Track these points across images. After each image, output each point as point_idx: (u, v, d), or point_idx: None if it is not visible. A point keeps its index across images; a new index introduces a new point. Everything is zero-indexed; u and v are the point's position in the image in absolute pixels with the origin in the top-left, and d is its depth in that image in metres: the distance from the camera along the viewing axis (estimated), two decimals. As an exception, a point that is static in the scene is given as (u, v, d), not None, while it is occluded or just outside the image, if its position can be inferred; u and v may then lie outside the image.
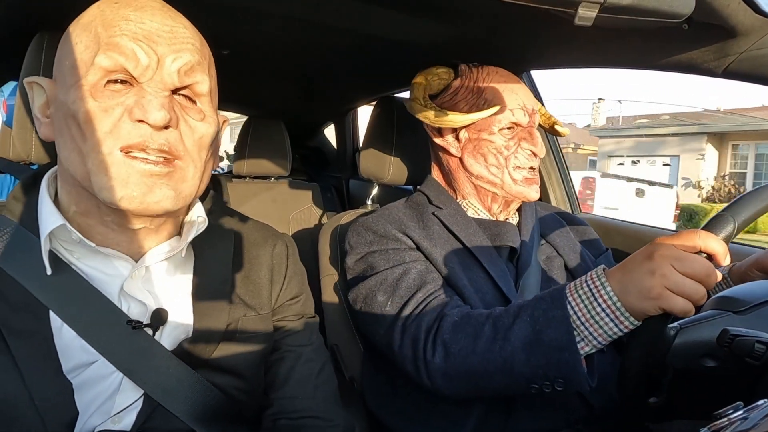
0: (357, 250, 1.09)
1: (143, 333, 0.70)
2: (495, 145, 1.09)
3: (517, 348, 0.80)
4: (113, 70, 0.63)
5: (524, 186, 1.10)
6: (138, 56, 0.63)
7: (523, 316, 0.82)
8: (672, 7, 0.66)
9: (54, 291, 0.66)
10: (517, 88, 1.12)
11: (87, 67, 0.63)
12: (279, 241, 0.90)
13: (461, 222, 1.11)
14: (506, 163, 1.09)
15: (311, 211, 2.38)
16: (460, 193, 1.18)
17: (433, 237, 1.07)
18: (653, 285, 0.70)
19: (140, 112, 0.62)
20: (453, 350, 0.86)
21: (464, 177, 1.16)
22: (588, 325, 0.76)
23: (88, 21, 0.65)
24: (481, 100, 1.11)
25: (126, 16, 0.64)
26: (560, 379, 0.78)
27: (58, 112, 0.66)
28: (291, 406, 0.83)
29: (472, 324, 0.87)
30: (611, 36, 1.06)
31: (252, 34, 1.48)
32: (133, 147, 0.62)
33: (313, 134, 3.12)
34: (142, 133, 0.62)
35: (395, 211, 1.15)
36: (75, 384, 0.66)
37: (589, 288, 0.77)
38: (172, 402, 0.70)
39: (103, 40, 0.63)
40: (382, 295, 1.00)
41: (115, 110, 0.62)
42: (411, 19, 1.23)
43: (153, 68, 0.64)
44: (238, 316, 0.78)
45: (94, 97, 0.62)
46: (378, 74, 1.87)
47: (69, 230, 0.66)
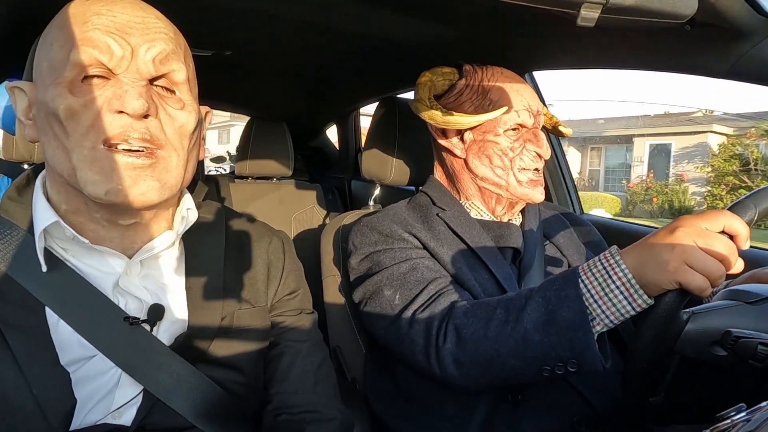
0: (361, 250, 1.09)
1: (141, 329, 0.70)
2: (500, 147, 1.09)
3: (529, 329, 0.79)
4: (89, 64, 0.63)
5: (529, 188, 1.10)
6: (112, 48, 0.63)
7: (536, 297, 0.81)
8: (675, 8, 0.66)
9: (49, 288, 0.67)
10: (522, 89, 1.11)
11: (64, 65, 0.63)
12: (274, 237, 0.90)
13: (465, 224, 1.10)
14: (511, 165, 1.09)
15: (313, 211, 2.38)
16: (464, 194, 1.18)
17: (439, 238, 1.07)
18: (672, 258, 0.70)
19: (118, 102, 0.62)
20: (464, 335, 0.86)
21: (468, 178, 1.15)
22: (601, 303, 0.76)
23: (61, 20, 0.66)
24: (486, 101, 1.11)
25: (97, 11, 0.65)
26: (573, 360, 0.77)
27: (39, 112, 0.66)
28: (291, 400, 0.84)
29: (483, 308, 0.87)
30: (614, 37, 1.05)
31: (255, 35, 1.48)
32: (115, 137, 0.63)
33: (316, 135, 3.12)
34: (122, 124, 0.63)
35: (400, 211, 1.14)
36: (74, 379, 0.66)
37: (603, 266, 0.77)
38: (171, 397, 0.70)
39: (77, 36, 0.63)
40: (389, 289, 0.99)
41: (94, 104, 0.63)
42: (414, 20, 1.23)
43: (128, 59, 0.64)
44: (232, 309, 0.79)
45: (72, 93, 0.63)
46: (381, 75, 1.88)
47: (63, 227, 0.67)
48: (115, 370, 0.69)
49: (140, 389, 0.70)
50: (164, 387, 0.70)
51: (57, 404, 0.65)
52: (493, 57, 1.29)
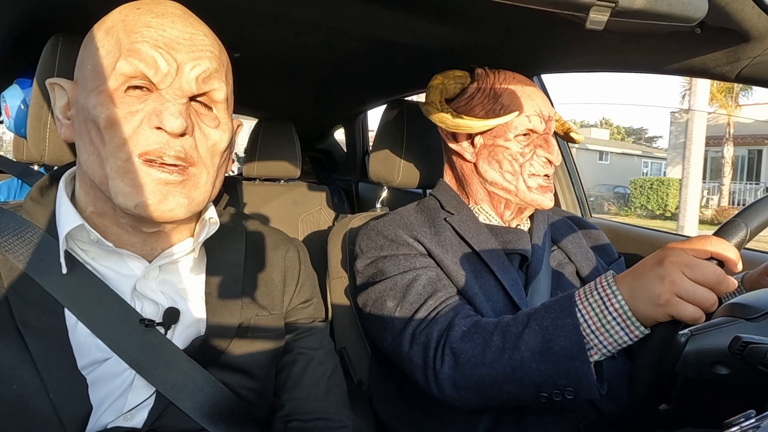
0: (367, 254, 1.09)
1: (155, 331, 0.71)
2: (510, 152, 1.08)
3: (526, 357, 0.79)
4: (133, 76, 0.64)
5: (539, 194, 1.09)
6: (158, 63, 0.64)
7: (532, 325, 0.81)
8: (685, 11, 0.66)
9: (69, 289, 0.67)
10: (533, 93, 1.11)
11: (108, 72, 0.64)
12: (291, 246, 0.91)
13: (473, 228, 1.10)
14: (521, 170, 1.08)
15: (321, 213, 2.39)
16: (473, 199, 1.17)
17: (445, 243, 1.06)
18: (662, 291, 0.69)
19: (158, 119, 0.63)
20: (462, 359, 0.85)
21: (478, 182, 1.15)
22: (598, 334, 0.75)
23: (110, 25, 0.67)
24: (497, 106, 1.10)
25: (147, 22, 0.66)
26: (570, 388, 0.77)
27: (78, 115, 0.67)
28: (303, 407, 0.84)
29: (480, 333, 0.86)
30: (623, 40, 1.05)
31: (263, 37, 1.48)
32: (151, 153, 0.64)
33: (323, 137, 3.13)
34: (159, 140, 0.64)
35: (406, 215, 1.14)
36: (89, 380, 0.67)
37: (599, 296, 0.76)
38: (182, 400, 0.70)
39: (125, 46, 0.64)
40: (392, 300, 0.99)
41: (135, 117, 0.64)
42: (422, 23, 1.23)
43: (172, 75, 0.65)
44: (250, 315, 0.79)
45: (114, 102, 0.64)
46: (389, 78, 1.88)
47: (87, 230, 0.68)
48: (129, 372, 0.69)
49: (152, 391, 0.71)
50: (174, 388, 0.70)
51: (73, 409, 0.65)
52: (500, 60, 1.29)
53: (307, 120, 2.70)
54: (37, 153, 0.95)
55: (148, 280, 0.73)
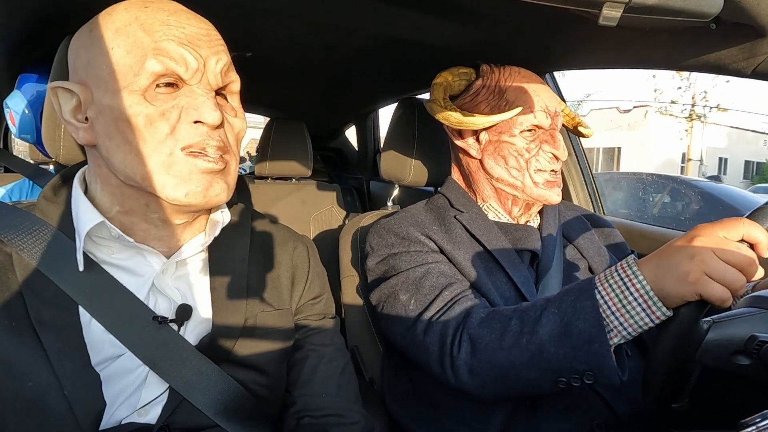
0: (378, 252, 1.09)
1: (168, 328, 0.71)
2: (516, 147, 1.08)
3: (544, 341, 0.78)
4: (164, 74, 0.66)
5: (545, 189, 1.09)
6: (187, 60, 0.67)
7: (551, 308, 0.80)
8: (699, 7, 0.65)
9: (83, 287, 0.68)
10: (539, 89, 1.10)
11: (135, 72, 0.65)
12: (299, 243, 0.92)
13: (483, 226, 1.09)
14: (527, 166, 1.08)
15: (332, 212, 2.39)
16: (480, 196, 1.17)
17: (456, 241, 1.06)
18: (692, 269, 0.68)
19: (196, 113, 0.67)
20: (479, 345, 0.85)
21: (484, 179, 1.15)
22: (618, 315, 0.74)
23: (122, 25, 0.67)
24: (502, 102, 1.10)
25: (165, 21, 0.67)
26: (590, 372, 0.76)
27: (103, 117, 0.67)
28: (314, 404, 0.84)
29: (498, 319, 0.86)
30: (636, 36, 1.04)
31: (275, 37, 1.49)
32: (194, 146, 0.67)
33: (335, 136, 3.13)
34: (200, 133, 0.67)
35: (417, 213, 1.14)
36: (102, 376, 0.68)
37: (620, 277, 0.75)
38: (195, 395, 0.71)
39: (149, 45, 0.66)
40: (405, 293, 0.99)
41: (171, 113, 0.66)
42: (434, 21, 1.23)
43: (201, 71, 0.68)
44: (255, 311, 0.80)
45: (149, 101, 0.66)
46: (400, 76, 1.88)
47: (108, 227, 0.69)
48: (142, 368, 0.70)
49: (166, 387, 0.71)
50: (187, 383, 0.71)
51: (87, 405, 0.66)
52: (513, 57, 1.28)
53: (318, 119, 2.71)
54: (52, 152, 0.96)
55: (165, 275, 0.74)
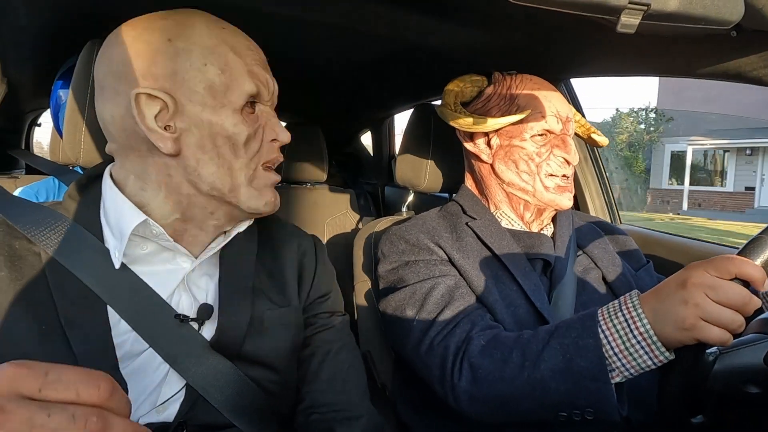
0: (390, 259, 1.09)
1: (188, 326, 0.73)
2: (526, 152, 1.08)
3: (546, 376, 0.78)
4: (254, 95, 0.73)
5: (556, 194, 1.08)
6: (269, 84, 0.76)
7: (553, 344, 0.80)
8: (720, 14, 0.64)
9: (112, 286, 0.69)
10: (550, 95, 1.10)
11: (229, 90, 0.70)
12: (305, 240, 0.93)
13: (495, 233, 1.09)
14: (538, 170, 1.08)
15: (347, 217, 2.39)
16: (493, 202, 1.17)
17: (466, 249, 1.06)
18: (687, 315, 0.67)
19: (274, 133, 0.76)
20: (480, 375, 0.85)
21: (496, 184, 1.15)
22: (621, 357, 0.74)
23: (212, 45, 0.70)
24: (513, 107, 1.10)
25: (248, 45, 0.75)
26: (590, 409, 0.76)
27: (198, 130, 0.70)
28: (321, 400, 0.85)
29: (500, 348, 0.85)
30: (654, 43, 1.03)
31: (292, 43, 1.50)
32: (269, 162, 0.77)
33: (350, 141, 3.14)
34: (274, 150, 0.77)
35: (429, 220, 1.14)
36: (125, 373, 0.68)
37: (624, 318, 0.74)
38: (211, 393, 0.72)
39: (241, 68, 0.72)
40: (411, 309, 0.99)
41: (258, 133, 0.74)
42: (450, 27, 1.23)
43: (274, 92, 0.78)
44: (262, 309, 0.81)
45: (245, 122, 0.72)
46: (416, 82, 1.88)
47: (151, 225, 0.71)
48: (163, 366, 0.71)
49: (183, 384, 0.72)
50: (203, 380, 0.72)
51: None
52: (528, 63, 1.28)
53: (334, 124, 2.72)
54: (72, 155, 0.97)
55: (193, 274, 0.76)
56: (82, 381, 0.38)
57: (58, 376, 0.38)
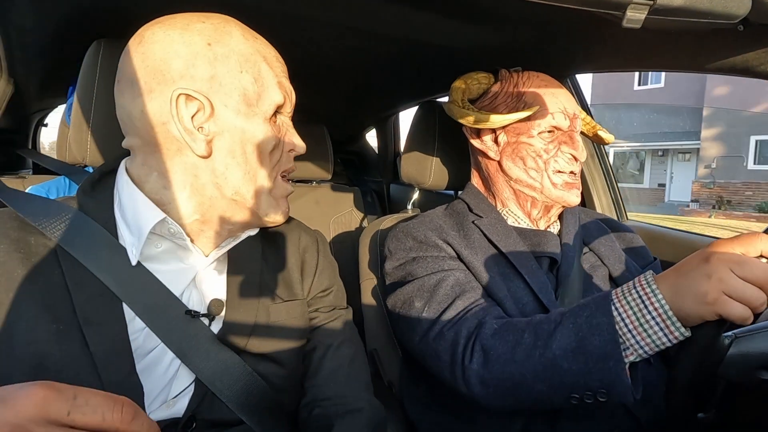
0: (396, 256, 1.09)
1: (199, 321, 0.73)
2: (534, 149, 1.08)
3: (558, 355, 0.77)
4: (280, 106, 0.76)
5: (564, 190, 1.08)
6: (292, 96, 0.79)
7: (566, 323, 0.79)
8: (726, 8, 0.64)
9: (127, 283, 0.70)
10: (558, 92, 1.10)
11: (260, 99, 0.73)
12: (306, 234, 0.94)
13: (501, 231, 1.09)
14: (546, 167, 1.08)
15: (352, 215, 2.40)
16: (499, 199, 1.17)
17: (474, 246, 1.06)
18: (710, 289, 0.66)
19: (291, 143, 0.79)
20: (491, 356, 0.84)
21: (503, 181, 1.15)
22: (635, 333, 0.73)
23: (248, 54, 0.72)
24: (520, 104, 1.10)
25: (276, 56, 0.77)
26: (603, 390, 0.75)
27: (230, 135, 0.71)
28: (323, 394, 0.85)
29: (511, 331, 0.85)
30: (660, 38, 1.03)
31: (297, 41, 1.50)
32: (286, 171, 0.80)
33: (355, 139, 3.14)
34: (291, 159, 0.80)
35: (435, 218, 1.14)
36: (139, 368, 0.69)
37: (638, 294, 0.74)
38: (220, 388, 0.73)
39: (271, 79, 0.74)
40: (420, 300, 0.99)
41: (280, 143, 0.76)
42: (455, 24, 1.23)
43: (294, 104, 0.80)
44: (268, 304, 0.82)
45: (273, 131, 0.75)
46: (421, 79, 1.87)
47: (169, 224, 0.71)
48: (175, 361, 0.72)
49: (192, 379, 0.73)
50: (212, 374, 0.72)
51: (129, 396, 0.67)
52: (534, 60, 1.27)
53: (339, 122, 2.72)
54: (79, 155, 0.98)
55: (206, 271, 0.77)
56: (107, 405, 0.42)
57: (85, 401, 0.40)
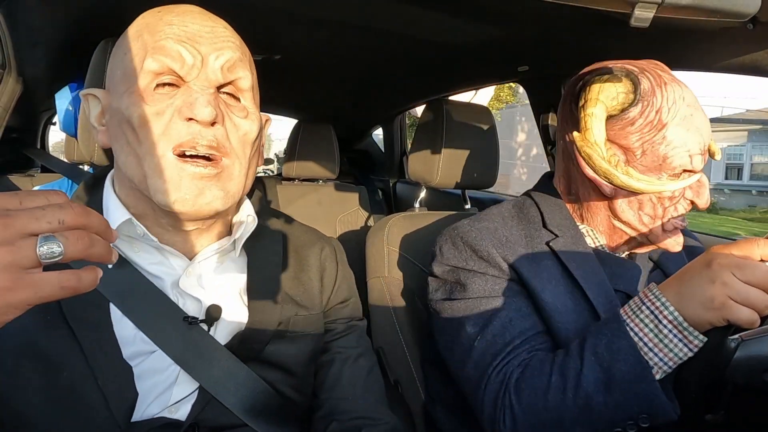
0: (450, 261, 0.98)
1: (198, 328, 0.72)
2: (658, 195, 0.89)
3: (590, 392, 0.74)
4: (161, 72, 0.66)
5: (671, 236, 0.92)
6: (183, 56, 0.66)
7: (587, 356, 0.76)
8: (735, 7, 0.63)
9: (114, 285, 0.69)
10: (702, 123, 0.86)
11: (137, 73, 0.66)
12: (327, 245, 0.92)
13: (580, 258, 0.93)
14: (663, 215, 0.90)
15: (358, 213, 2.40)
16: (585, 220, 0.99)
17: (543, 275, 0.91)
18: (715, 294, 0.66)
19: (188, 110, 0.65)
20: (518, 412, 0.80)
21: (605, 216, 0.96)
22: (657, 350, 0.72)
23: (134, 32, 0.69)
24: (659, 138, 0.86)
25: (169, 21, 0.68)
26: (644, 414, 0.73)
27: (112, 119, 0.69)
28: (341, 407, 0.84)
29: (537, 376, 0.81)
30: (669, 36, 1.02)
31: (304, 40, 1.50)
32: (184, 144, 0.65)
33: (362, 137, 3.14)
34: (191, 131, 0.65)
35: (501, 226, 0.97)
36: (136, 373, 0.69)
37: (650, 310, 0.73)
38: (224, 395, 0.72)
39: (150, 45, 0.67)
40: (472, 327, 0.90)
41: (165, 112, 0.65)
42: (461, 22, 1.23)
43: (198, 66, 0.67)
44: (289, 314, 0.81)
45: (146, 101, 0.65)
46: (428, 78, 1.87)
47: (134, 224, 0.70)
48: (174, 367, 0.71)
49: (196, 386, 0.72)
50: (217, 383, 0.72)
51: (121, 396, 0.67)
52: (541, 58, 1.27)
53: (346, 121, 2.72)
54: (87, 154, 0.99)
55: (189, 277, 0.74)
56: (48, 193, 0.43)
57: (27, 194, 0.42)
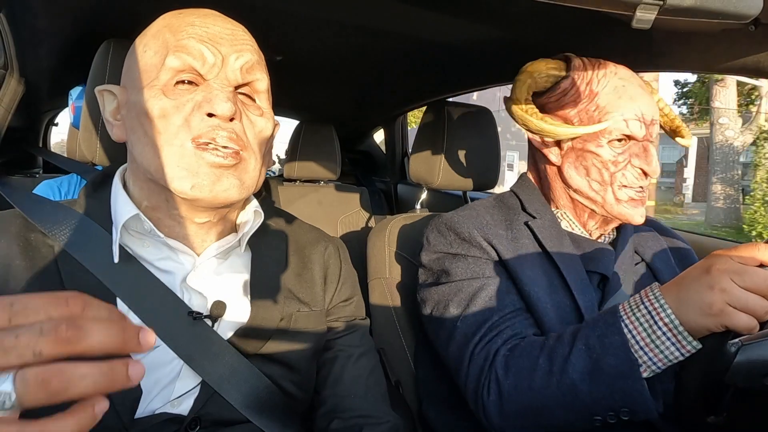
0: (435, 248, 1.04)
1: (203, 323, 0.73)
2: (601, 159, 0.96)
3: (576, 379, 0.76)
4: (182, 69, 0.68)
5: (628, 207, 0.97)
6: (205, 55, 0.69)
7: (578, 345, 0.78)
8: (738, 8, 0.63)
9: (121, 279, 0.70)
10: (637, 93, 0.96)
11: (158, 70, 0.69)
12: (330, 244, 0.93)
13: (555, 236, 1.00)
14: (611, 180, 0.96)
15: (359, 214, 2.40)
16: (555, 203, 1.07)
17: (521, 251, 0.97)
18: (714, 300, 0.66)
19: (208, 105, 0.67)
20: (506, 387, 0.83)
21: (561, 188, 1.05)
22: (648, 350, 0.73)
23: (155, 31, 0.72)
24: (592, 106, 0.97)
25: (191, 22, 0.71)
26: (625, 408, 0.74)
27: (130, 113, 0.71)
28: (343, 404, 0.85)
29: (525, 357, 0.83)
30: (670, 38, 1.02)
31: (305, 41, 1.50)
32: (203, 136, 0.67)
33: (363, 138, 3.14)
34: (211, 125, 0.67)
35: (483, 212, 1.05)
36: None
37: (647, 310, 0.73)
38: (228, 390, 0.73)
39: (172, 44, 0.69)
40: (456, 308, 0.95)
41: (186, 106, 0.68)
42: (463, 23, 1.23)
43: (218, 66, 0.69)
44: (291, 311, 0.82)
45: (166, 95, 0.68)
46: (430, 79, 1.87)
47: (142, 220, 0.71)
48: (177, 362, 0.72)
49: (199, 380, 0.73)
50: (219, 378, 0.72)
51: (124, 393, 0.67)
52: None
53: (347, 122, 2.72)
54: (89, 154, 0.99)
55: (197, 272, 0.76)
56: (50, 303, 0.38)
57: (24, 305, 0.37)
